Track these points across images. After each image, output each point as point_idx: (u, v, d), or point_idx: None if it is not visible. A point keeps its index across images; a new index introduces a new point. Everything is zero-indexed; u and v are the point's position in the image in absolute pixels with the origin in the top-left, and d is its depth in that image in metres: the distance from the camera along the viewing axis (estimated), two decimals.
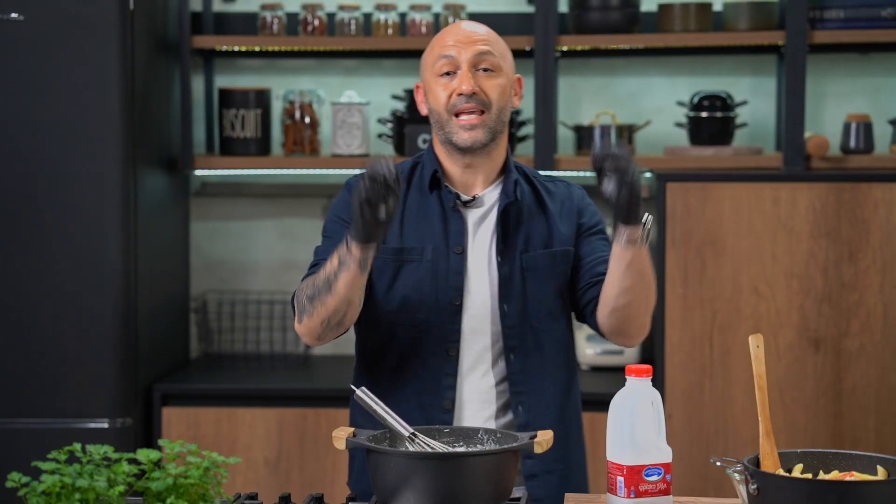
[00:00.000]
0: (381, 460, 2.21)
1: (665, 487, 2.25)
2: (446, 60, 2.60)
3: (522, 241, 2.65)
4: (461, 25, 2.66)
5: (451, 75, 2.60)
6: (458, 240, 2.63)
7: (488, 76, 2.61)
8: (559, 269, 2.67)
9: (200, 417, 4.04)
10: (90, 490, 2.00)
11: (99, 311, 3.86)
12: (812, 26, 4.14)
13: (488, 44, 2.62)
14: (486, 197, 2.66)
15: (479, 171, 2.65)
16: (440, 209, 2.64)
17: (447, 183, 2.66)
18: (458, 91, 2.58)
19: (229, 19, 4.52)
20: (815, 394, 3.89)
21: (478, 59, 2.60)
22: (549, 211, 2.68)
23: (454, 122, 2.59)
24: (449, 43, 2.61)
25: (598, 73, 4.49)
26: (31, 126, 3.84)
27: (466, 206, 2.65)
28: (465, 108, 2.58)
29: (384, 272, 2.63)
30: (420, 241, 2.63)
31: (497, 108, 2.60)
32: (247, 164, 4.33)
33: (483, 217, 2.66)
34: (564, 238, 2.68)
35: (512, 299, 2.63)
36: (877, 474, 2.19)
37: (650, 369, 2.27)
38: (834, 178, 3.91)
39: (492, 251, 2.64)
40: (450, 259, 2.62)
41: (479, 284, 2.63)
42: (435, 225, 2.64)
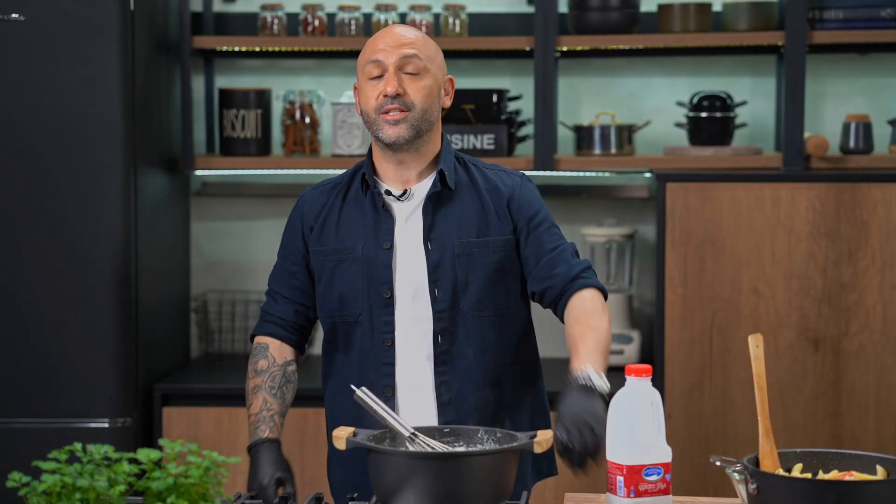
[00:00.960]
0: (381, 460, 2.21)
1: (665, 487, 2.25)
2: (374, 64, 2.70)
3: (454, 227, 2.73)
4: (392, 30, 2.76)
5: (379, 78, 2.70)
6: (386, 236, 2.73)
7: (413, 79, 2.70)
8: (494, 257, 2.73)
9: (201, 417, 4.04)
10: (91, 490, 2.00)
11: (99, 311, 3.86)
12: (811, 26, 4.14)
13: (414, 47, 2.72)
14: (418, 190, 2.75)
15: (410, 166, 2.74)
16: (372, 209, 2.75)
17: (382, 180, 2.76)
18: (383, 92, 2.68)
19: (230, 19, 4.52)
20: (815, 394, 3.89)
21: (403, 62, 2.70)
22: (484, 199, 2.76)
23: (380, 120, 2.69)
24: (379, 47, 2.72)
25: (598, 73, 4.50)
26: (31, 126, 3.84)
27: (399, 199, 2.74)
28: (390, 109, 2.68)
29: (323, 272, 2.77)
30: (353, 240, 2.75)
31: (421, 109, 2.70)
32: (247, 165, 4.33)
33: (414, 210, 2.75)
34: (500, 227, 2.74)
35: (443, 285, 2.71)
36: (876, 474, 2.20)
37: (650, 369, 2.27)
38: (833, 179, 3.91)
39: (420, 239, 2.73)
40: (378, 254, 2.72)
41: (410, 275, 2.72)
42: (367, 224, 2.75)
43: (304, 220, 2.82)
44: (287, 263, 2.85)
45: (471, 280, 2.71)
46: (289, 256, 2.85)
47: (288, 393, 2.79)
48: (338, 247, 2.76)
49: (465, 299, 2.71)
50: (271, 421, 2.72)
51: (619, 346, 4.24)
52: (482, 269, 2.72)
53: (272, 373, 2.79)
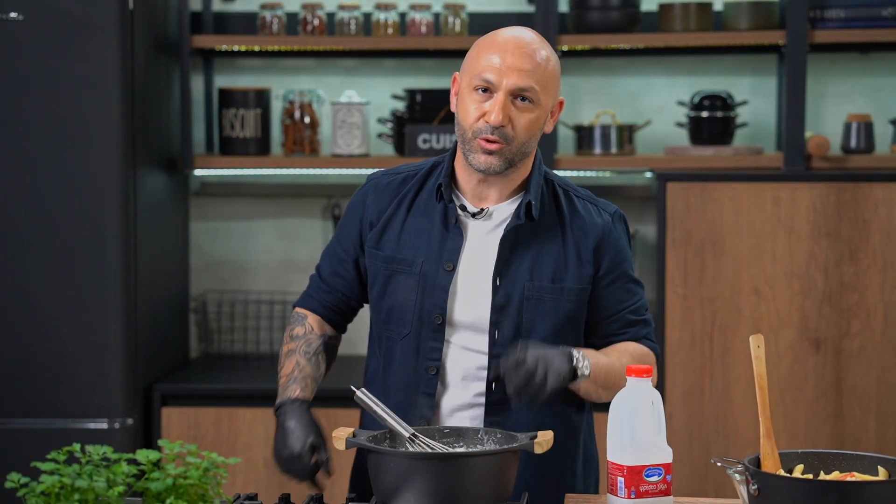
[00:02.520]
0: (381, 460, 2.21)
1: (665, 488, 2.24)
2: (485, 79, 2.45)
3: (528, 267, 2.52)
4: (517, 40, 2.48)
5: (487, 92, 2.46)
6: (451, 256, 2.52)
7: (523, 108, 2.46)
8: (566, 306, 2.53)
9: (200, 417, 4.04)
10: (89, 490, 2.00)
11: (99, 311, 3.85)
12: (812, 26, 4.13)
13: (533, 76, 2.46)
14: (498, 212, 2.55)
15: (493, 186, 2.54)
16: (441, 222, 2.54)
17: (459, 190, 2.56)
18: (487, 119, 2.45)
19: (229, 19, 4.51)
20: (816, 394, 3.89)
21: (518, 91, 2.45)
22: (567, 237, 2.55)
23: (475, 143, 2.47)
24: (495, 62, 2.46)
25: (599, 72, 4.49)
26: (30, 126, 3.84)
27: (475, 217, 2.54)
28: (489, 138, 2.46)
29: (377, 278, 2.58)
30: (414, 252, 2.54)
31: (520, 142, 2.47)
32: (246, 164, 4.33)
33: (490, 232, 2.54)
34: (578, 273, 2.54)
35: (504, 327, 2.51)
36: (878, 475, 2.19)
37: (650, 369, 2.26)
38: (834, 178, 3.90)
39: (491, 271, 2.53)
40: (438, 274, 2.52)
41: (469, 304, 2.52)
42: (432, 237, 2.54)
43: (367, 210, 2.60)
44: (338, 249, 2.65)
45: (536, 327, 2.50)
46: (342, 242, 2.64)
47: (323, 363, 2.61)
48: (396, 255, 2.56)
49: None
50: (303, 382, 2.54)
51: None
52: (551, 318, 2.52)
53: (309, 339, 2.61)
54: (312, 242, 4.56)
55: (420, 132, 4.23)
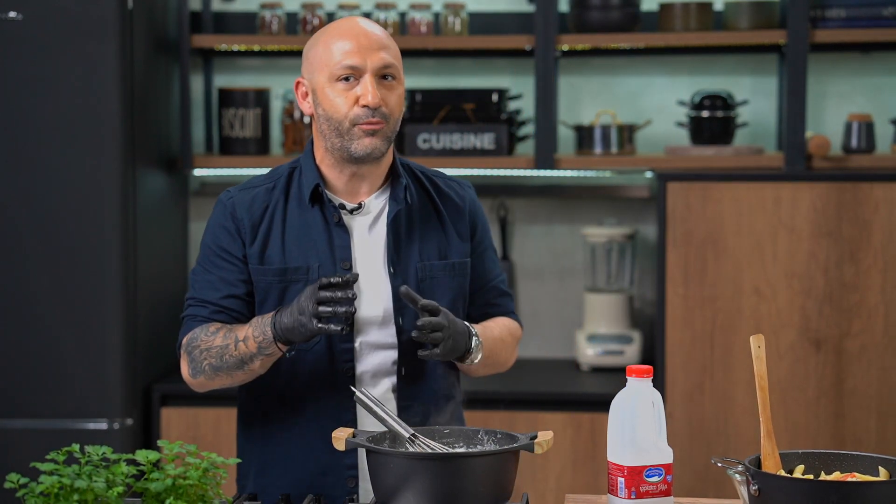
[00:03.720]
0: (381, 461, 2.21)
1: (666, 488, 2.24)
2: (348, 65, 2.45)
3: (416, 249, 2.55)
4: (361, 27, 2.50)
5: (350, 81, 2.46)
6: (344, 254, 2.51)
7: (390, 86, 2.49)
8: (457, 280, 2.59)
9: (200, 418, 4.03)
10: (89, 491, 1.99)
11: (98, 311, 3.85)
12: (813, 25, 4.13)
13: (390, 51, 2.49)
14: (373, 204, 2.55)
15: (365, 178, 2.54)
16: (323, 223, 2.52)
17: (329, 191, 2.54)
18: (363, 102, 2.44)
19: (228, 19, 4.51)
20: (817, 394, 3.88)
21: (383, 69, 2.47)
22: (442, 216, 2.59)
23: (354, 131, 2.46)
24: (349, 48, 2.46)
25: (599, 72, 4.49)
26: (30, 126, 3.83)
27: (352, 214, 2.54)
28: (370, 122, 2.45)
29: (269, 294, 2.51)
30: (304, 259, 2.50)
31: (395, 120, 2.50)
32: (246, 164, 4.32)
33: (370, 226, 2.55)
34: (461, 248, 2.60)
35: (407, 312, 2.52)
36: (878, 475, 2.19)
37: (651, 370, 2.26)
38: (835, 178, 3.90)
39: (384, 262, 2.54)
40: (337, 276, 2.47)
41: (370, 299, 2.51)
42: (319, 240, 2.51)
43: (240, 226, 2.52)
44: (221, 272, 2.53)
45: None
46: (222, 265, 2.53)
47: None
48: (286, 266, 2.51)
49: None
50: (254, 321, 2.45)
51: (620, 347, 4.24)
52: (447, 294, 2.56)
53: (218, 327, 2.50)
54: None
55: (420, 132, 4.22)
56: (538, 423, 3.93)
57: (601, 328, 4.30)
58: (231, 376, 2.50)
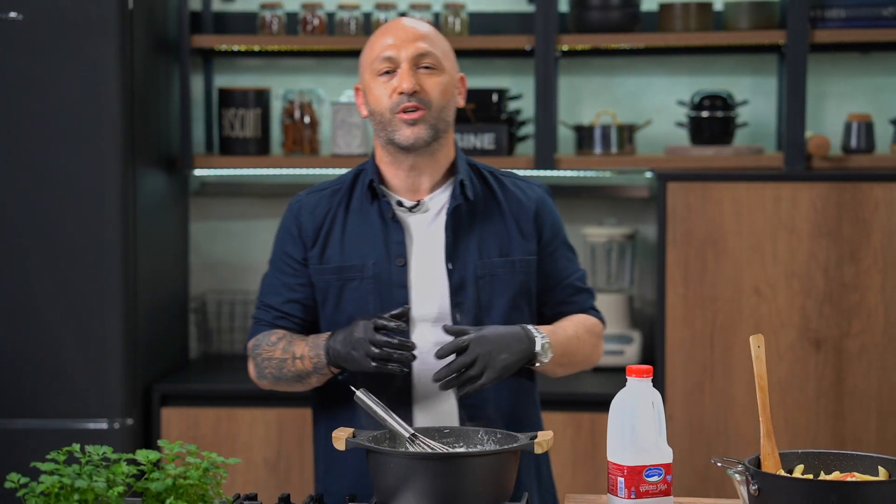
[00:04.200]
0: (381, 460, 2.21)
1: (665, 488, 2.24)
2: (385, 60, 2.52)
3: (476, 246, 2.56)
4: (401, 22, 2.57)
5: (390, 74, 2.52)
6: (398, 251, 2.54)
7: (429, 74, 2.52)
8: (518, 278, 2.58)
9: (200, 418, 4.03)
10: (89, 491, 2.00)
11: (99, 311, 3.85)
12: (813, 25, 4.13)
13: (428, 41, 2.53)
14: (433, 201, 2.57)
15: (423, 172, 2.56)
16: (380, 220, 2.56)
17: (390, 190, 2.57)
18: (398, 90, 2.50)
19: (229, 19, 4.51)
20: (817, 394, 3.88)
21: (418, 58, 2.52)
22: (505, 213, 2.60)
23: (396, 119, 2.51)
24: (388, 42, 2.52)
25: (599, 72, 4.49)
26: (30, 126, 3.83)
27: (411, 211, 2.56)
28: (407, 107, 2.50)
29: (329, 293, 2.57)
30: (361, 257, 2.54)
31: (438, 107, 2.52)
32: (246, 164, 4.32)
33: (431, 223, 2.56)
34: (523, 245, 2.59)
35: (465, 308, 2.54)
36: (878, 475, 2.19)
37: (651, 370, 2.26)
38: (835, 178, 3.90)
39: (441, 259, 2.55)
40: (392, 273, 2.53)
41: (429, 297, 2.54)
42: (375, 238, 2.55)
43: (303, 230, 2.60)
44: (284, 277, 2.62)
45: (494, 304, 2.55)
46: (285, 269, 2.62)
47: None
48: (343, 264, 2.56)
49: (490, 325, 2.50)
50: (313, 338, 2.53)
51: (620, 347, 4.24)
52: (506, 292, 2.56)
53: (279, 336, 2.58)
54: None
55: None
56: None
57: None
58: (291, 387, 2.59)
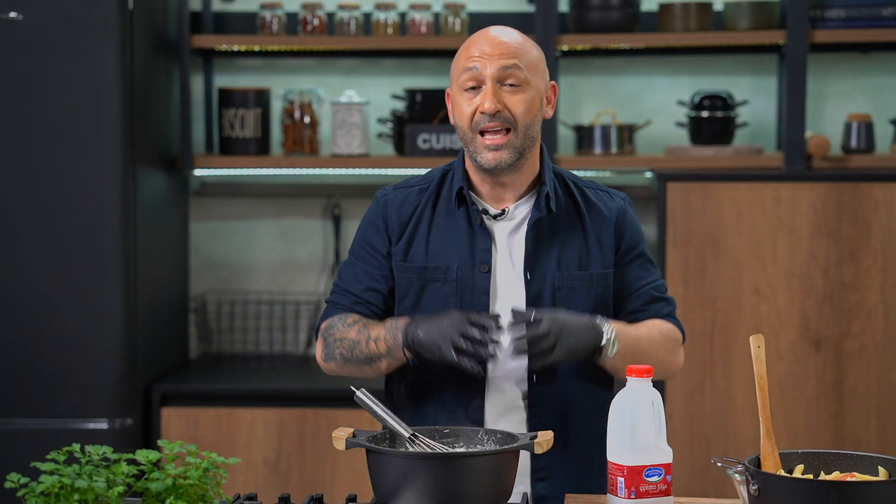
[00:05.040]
0: (381, 460, 2.21)
1: (665, 488, 2.24)
2: (470, 74, 2.50)
3: (555, 258, 2.56)
4: (489, 33, 2.54)
5: (475, 90, 2.50)
6: (484, 258, 2.54)
7: (514, 91, 2.49)
8: (595, 292, 2.57)
9: (200, 417, 4.03)
10: (89, 490, 2.00)
11: (99, 311, 3.85)
12: (813, 25, 4.13)
13: (515, 56, 2.49)
14: (517, 210, 2.57)
15: (508, 187, 2.56)
16: (467, 226, 2.56)
17: (476, 195, 2.58)
18: (480, 109, 2.48)
19: (229, 19, 4.51)
20: (816, 394, 3.89)
21: (503, 74, 2.49)
22: (586, 226, 2.59)
23: (479, 142, 2.50)
24: (474, 54, 2.50)
25: (599, 72, 4.49)
26: (30, 126, 3.83)
27: (496, 219, 2.56)
28: (489, 128, 2.48)
29: (409, 291, 2.57)
30: (445, 259, 2.55)
31: (523, 126, 2.50)
32: (246, 164, 4.32)
33: (513, 232, 2.57)
34: (601, 259, 2.58)
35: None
36: (878, 475, 2.19)
37: (651, 369, 2.26)
38: (835, 178, 3.90)
39: (521, 268, 2.56)
40: (475, 278, 2.54)
41: (505, 303, 2.54)
42: (461, 242, 2.55)
43: (389, 224, 2.59)
44: (366, 266, 2.60)
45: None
46: (368, 259, 2.60)
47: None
48: (427, 265, 2.56)
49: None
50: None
51: None
52: (583, 305, 2.54)
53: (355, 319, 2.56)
54: (312, 242, 4.56)
55: (420, 132, 4.23)
56: None
57: None
58: (359, 370, 2.56)
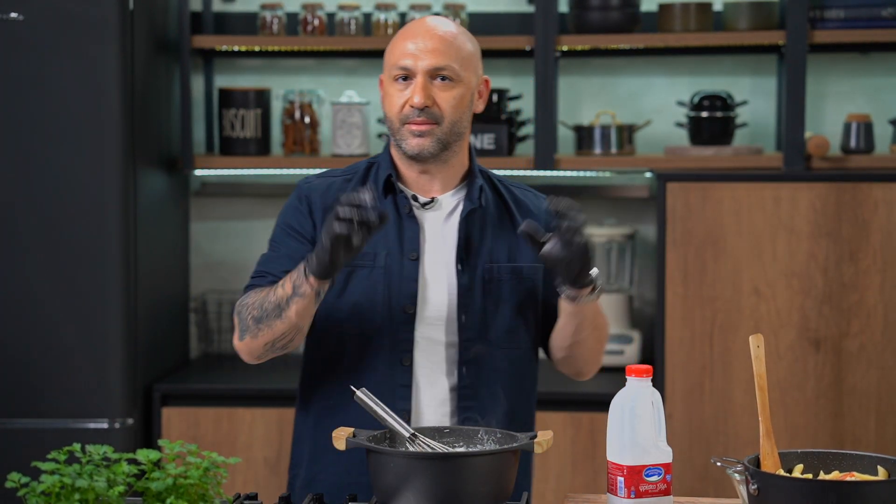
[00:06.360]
0: (381, 460, 2.21)
1: (665, 488, 2.25)
2: (403, 65, 2.50)
3: (486, 250, 2.57)
4: (426, 25, 2.54)
5: (406, 80, 2.51)
6: (412, 246, 2.54)
7: (445, 87, 2.51)
8: (525, 285, 2.59)
9: (200, 417, 4.04)
10: (90, 490, 2.00)
11: (99, 311, 3.85)
12: (812, 26, 4.13)
13: (449, 50, 2.51)
14: (446, 201, 2.58)
15: (435, 177, 2.57)
16: (395, 214, 2.55)
17: (403, 185, 2.58)
18: (410, 102, 2.49)
19: (229, 19, 4.51)
20: (816, 394, 3.89)
21: (435, 69, 2.50)
22: (515, 222, 2.59)
23: (405, 129, 2.51)
24: (409, 49, 2.51)
25: (599, 72, 4.49)
26: (30, 126, 3.84)
27: (424, 207, 2.57)
28: (416, 121, 2.50)
29: (335, 277, 2.51)
30: (373, 246, 2.51)
31: (450, 121, 2.51)
32: (247, 164, 4.33)
33: (443, 222, 2.57)
34: (530, 254, 2.57)
35: (471, 310, 2.54)
36: (877, 474, 2.19)
37: (650, 369, 2.26)
38: (834, 178, 3.91)
39: (452, 258, 2.55)
40: (404, 266, 2.53)
41: (435, 292, 2.54)
42: (389, 230, 2.53)
43: (314, 209, 2.58)
44: (287, 249, 2.57)
45: (500, 309, 2.55)
46: (290, 242, 2.58)
47: None
48: None
49: (494, 330, 2.55)
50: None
51: (620, 347, 4.24)
52: (513, 298, 2.57)
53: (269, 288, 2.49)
54: None
55: None
56: (538, 422, 3.92)
57: None
58: (271, 328, 2.47)
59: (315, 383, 2.61)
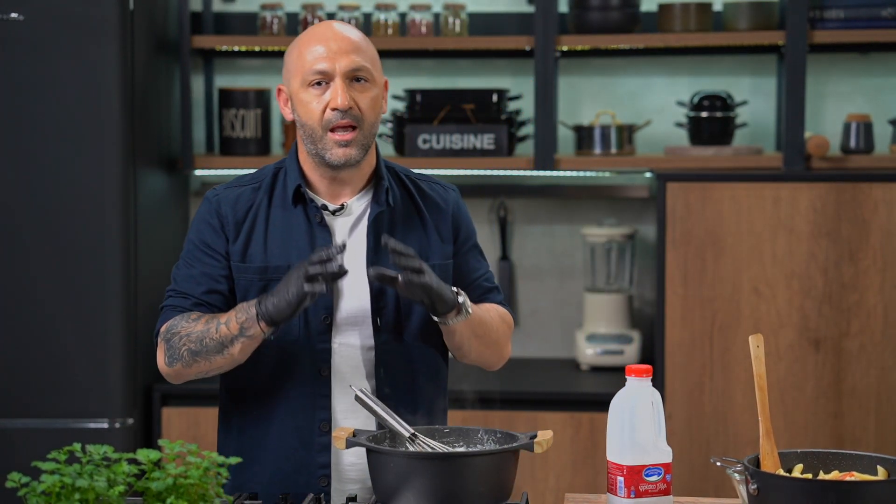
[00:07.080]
0: (381, 460, 2.21)
1: (665, 487, 2.25)
2: (318, 69, 2.47)
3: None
4: (333, 29, 2.52)
5: (322, 86, 2.48)
6: None
7: (362, 88, 2.50)
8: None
9: (200, 417, 4.04)
10: (90, 490, 2.00)
11: (99, 311, 3.85)
12: (812, 26, 4.14)
13: (362, 52, 2.50)
14: (355, 205, 2.56)
15: (347, 183, 2.55)
16: (306, 223, 2.53)
17: (312, 192, 2.56)
18: (332, 106, 2.47)
19: (229, 19, 4.52)
20: (816, 394, 3.89)
21: (352, 71, 2.48)
22: (425, 219, 2.60)
23: (328, 139, 2.49)
24: (321, 52, 2.48)
25: (598, 72, 4.49)
26: (30, 126, 3.84)
27: (334, 214, 2.55)
28: (341, 125, 2.47)
29: (250, 291, 2.52)
30: (285, 257, 2.51)
31: (369, 123, 2.50)
32: (247, 164, 4.32)
33: (352, 227, 2.56)
34: (442, 250, 2.59)
35: (386, 313, 2.53)
36: (877, 474, 2.19)
37: (650, 369, 2.27)
38: (834, 178, 3.91)
39: (363, 264, 2.54)
40: None
41: (350, 299, 2.53)
42: (300, 240, 2.52)
43: (225, 223, 2.54)
44: (204, 267, 2.54)
45: (414, 308, 2.53)
46: (206, 260, 2.54)
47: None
48: (268, 264, 2.52)
49: (409, 330, 2.54)
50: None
51: (620, 347, 4.24)
52: None
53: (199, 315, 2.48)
54: None
55: (420, 132, 4.23)
56: (538, 422, 3.93)
57: (601, 328, 4.31)
58: (209, 361, 2.46)
59: (237, 398, 2.59)
